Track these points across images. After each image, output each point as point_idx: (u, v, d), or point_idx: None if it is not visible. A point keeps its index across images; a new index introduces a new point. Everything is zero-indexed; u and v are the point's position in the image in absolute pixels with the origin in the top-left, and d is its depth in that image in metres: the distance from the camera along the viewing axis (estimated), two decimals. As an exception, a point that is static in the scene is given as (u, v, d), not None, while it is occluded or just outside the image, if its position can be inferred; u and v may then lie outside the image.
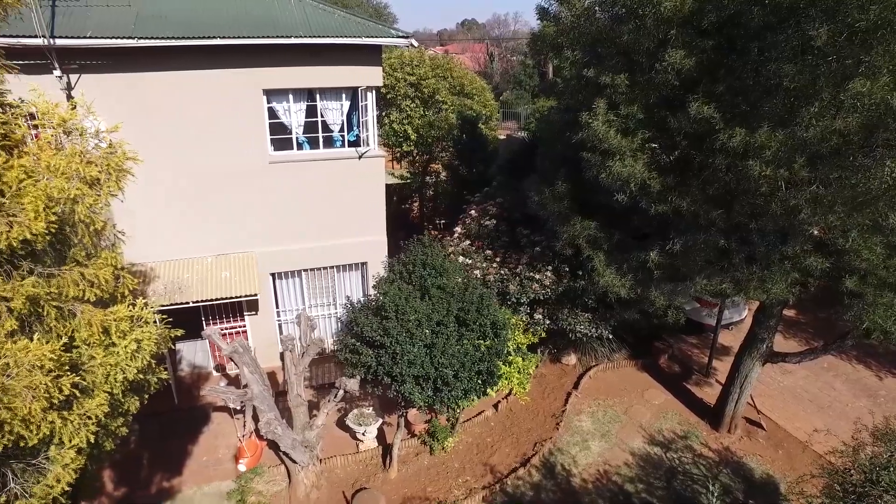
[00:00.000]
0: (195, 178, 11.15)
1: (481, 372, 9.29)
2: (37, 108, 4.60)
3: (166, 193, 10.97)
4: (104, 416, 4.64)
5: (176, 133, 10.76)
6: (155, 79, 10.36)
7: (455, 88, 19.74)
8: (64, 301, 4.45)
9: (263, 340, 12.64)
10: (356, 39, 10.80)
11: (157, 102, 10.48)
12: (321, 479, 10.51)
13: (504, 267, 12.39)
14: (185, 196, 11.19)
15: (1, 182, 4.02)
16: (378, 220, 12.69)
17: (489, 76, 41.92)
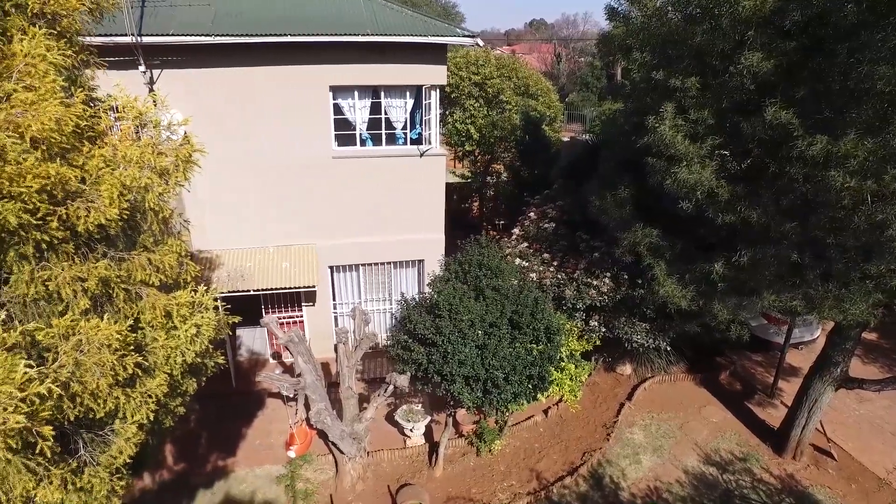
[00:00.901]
0: (261, 171, 11.55)
1: (532, 376, 9.16)
2: (119, 102, 4.87)
3: (233, 185, 11.42)
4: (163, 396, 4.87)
5: (244, 126, 11.17)
6: (227, 74, 10.81)
7: (520, 89, 19.55)
8: (132, 284, 4.70)
9: (319, 331, 12.94)
10: (422, 38, 10.86)
11: (229, 96, 10.92)
12: (367, 472, 10.65)
13: (561, 271, 12.16)
14: (251, 188, 11.61)
15: (83, 170, 4.28)
16: (437, 218, 12.74)
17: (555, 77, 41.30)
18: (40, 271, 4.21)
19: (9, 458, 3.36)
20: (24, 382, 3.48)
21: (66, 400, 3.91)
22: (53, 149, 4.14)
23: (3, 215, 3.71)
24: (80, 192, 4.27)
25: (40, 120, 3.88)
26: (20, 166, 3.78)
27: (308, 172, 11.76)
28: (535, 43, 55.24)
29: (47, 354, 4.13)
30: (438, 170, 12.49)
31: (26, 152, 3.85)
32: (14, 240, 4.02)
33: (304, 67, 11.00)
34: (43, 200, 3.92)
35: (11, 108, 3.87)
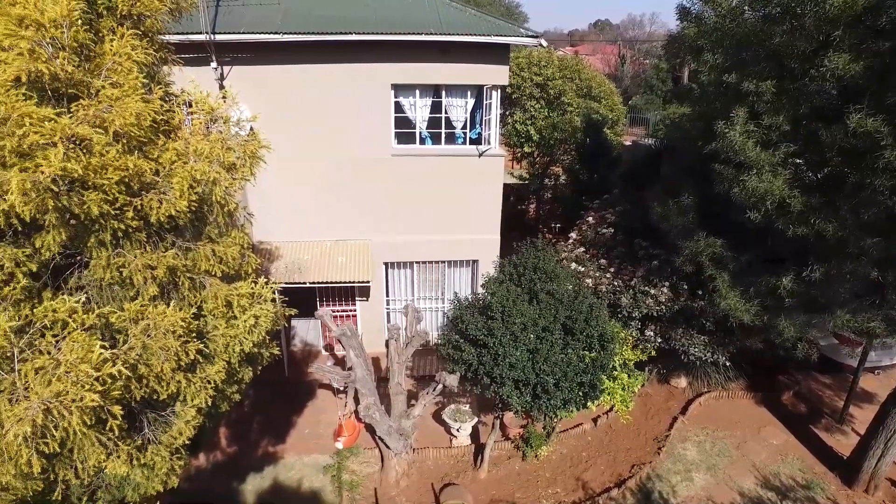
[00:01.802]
0: (322, 166, 11.80)
1: (583, 384, 8.98)
2: (193, 98, 5.09)
3: (294, 179, 11.71)
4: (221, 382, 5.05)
5: (307, 122, 11.45)
6: (293, 71, 11.11)
7: (582, 91, 19.19)
8: (196, 274, 4.90)
9: (371, 326, 13.13)
10: (485, 38, 10.82)
11: (293, 93, 11.22)
12: (412, 468, 10.73)
13: (617, 278, 11.85)
14: (311, 182, 11.89)
15: (157, 163, 4.50)
16: (493, 219, 12.67)
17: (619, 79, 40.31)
18: (115, 258, 4.44)
19: (84, 432, 3.56)
20: (99, 363, 3.67)
21: (133, 381, 4.11)
22: (132, 142, 4.36)
23: (87, 204, 3.93)
24: (153, 184, 4.49)
25: (123, 115, 4.09)
26: (103, 158, 4.00)
27: (367, 169, 11.94)
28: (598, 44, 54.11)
29: (118, 336, 4.36)
30: (496, 170, 12.41)
31: (109, 145, 4.06)
32: (94, 227, 4.26)
33: (368, 66, 11.18)
34: (121, 191, 4.13)
35: (99, 104, 4.10)
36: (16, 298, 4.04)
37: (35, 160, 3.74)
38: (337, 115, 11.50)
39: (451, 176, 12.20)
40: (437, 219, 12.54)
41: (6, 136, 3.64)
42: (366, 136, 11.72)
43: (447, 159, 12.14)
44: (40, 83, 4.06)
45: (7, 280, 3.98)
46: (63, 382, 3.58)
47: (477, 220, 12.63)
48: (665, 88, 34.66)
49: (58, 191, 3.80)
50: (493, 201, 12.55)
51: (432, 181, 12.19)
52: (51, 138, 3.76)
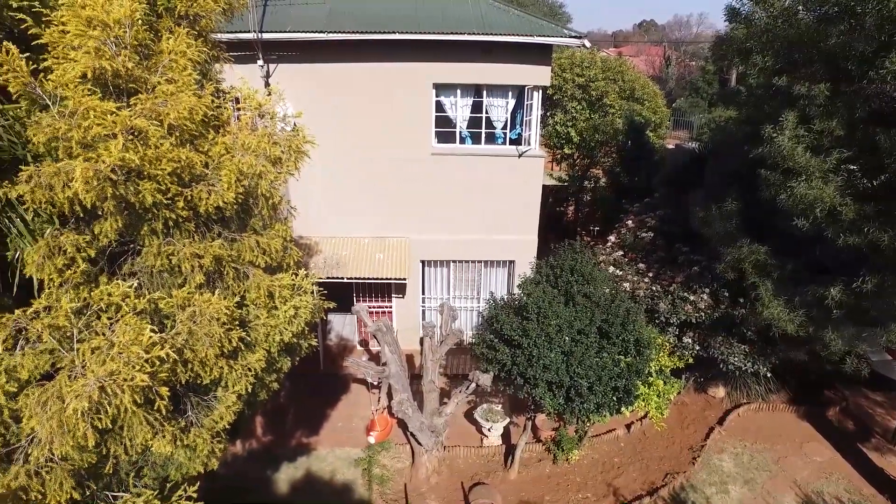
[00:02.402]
0: (362, 163, 11.97)
1: (618, 388, 8.87)
2: (241, 94, 5.26)
3: (335, 175, 11.92)
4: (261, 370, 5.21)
5: (349, 120, 11.63)
6: (336, 69, 11.31)
7: (625, 92, 18.90)
8: (240, 264, 5.07)
9: (406, 323, 13.24)
10: (528, 38, 10.79)
11: (335, 90, 11.41)
12: (442, 466, 10.79)
13: (656, 283, 11.65)
14: (351, 179, 12.07)
15: (207, 155, 4.67)
16: (531, 219, 12.62)
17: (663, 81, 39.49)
18: (166, 246, 4.64)
19: (134, 410, 3.74)
20: (148, 345, 3.85)
21: (179, 364, 4.28)
22: (185, 135, 4.54)
23: (142, 193, 4.12)
24: (203, 176, 4.66)
25: (177, 109, 4.27)
26: (157, 150, 4.18)
27: (407, 167, 12.05)
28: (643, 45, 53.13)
29: (166, 322, 4.54)
30: (536, 171, 12.36)
31: (163, 138, 4.24)
32: (147, 216, 4.46)
33: (410, 64, 11.29)
34: (173, 182, 4.31)
35: (155, 99, 4.29)
36: (76, 282, 4.26)
37: (97, 151, 3.94)
38: (378, 113, 11.65)
39: (490, 176, 12.21)
40: (475, 218, 12.57)
41: (73, 128, 3.84)
42: (406, 135, 11.84)
43: (486, 159, 12.15)
44: (103, 79, 4.27)
45: (69, 264, 4.20)
46: (116, 362, 3.76)
47: (515, 220, 12.60)
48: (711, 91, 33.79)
49: (116, 180, 3.99)
50: (532, 202, 12.50)
51: (472, 181, 12.22)
52: (111, 130, 3.96)
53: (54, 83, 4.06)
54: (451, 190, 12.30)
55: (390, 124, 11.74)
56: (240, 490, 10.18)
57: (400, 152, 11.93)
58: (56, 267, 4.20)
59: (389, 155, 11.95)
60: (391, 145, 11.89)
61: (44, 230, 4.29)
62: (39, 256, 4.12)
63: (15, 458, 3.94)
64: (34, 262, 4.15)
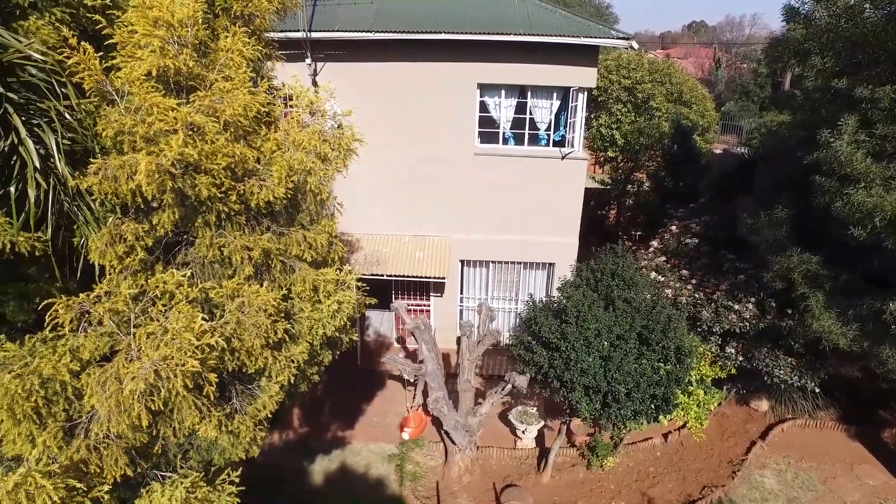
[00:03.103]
0: (405, 162, 12.08)
1: (656, 396, 8.72)
2: (293, 92, 5.41)
3: (378, 173, 12.06)
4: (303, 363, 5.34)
5: (393, 118, 11.75)
6: (382, 68, 11.45)
7: (672, 95, 18.50)
8: (287, 258, 5.22)
9: (443, 322, 13.30)
10: (574, 39, 10.69)
11: (380, 89, 11.54)
12: (475, 466, 10.81)
13: (699, 291, 11.38)
14: (393, 177, 12.20)
15: (259, 151, 4.83)
16: (572, 222, 12.51)
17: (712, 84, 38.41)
18: (217, 238, 4.81)
19: (184, 395, 3.91)
20: (199, 332, 4.01)
21: (227, 353, 4.44)
22: (239, 131, 4.70)
23: (198, 187, 4.29)
24: (255, 171, 4.82)
25: (233, 106, 4.43)
26: (213, 145, 4.34)
27: (449, 166, 12.11)
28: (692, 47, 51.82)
29: (215, 311, 4.71)
30: (579, 174, 12.24)
31: (219, 133, 4.41)
32: (202, 209, 4.64)
33: (455, 64, 11.34)
34: (227, 176, 4.47)
35: (212, 96, 4.45)
36: (134, 269, 4.48)
37: (158, 145, 4.12)
38: (422, 113, 11.75)
39: (532, 177, 12.15)
40: (516, 219, 12.53)
41: (138, 123, 4.03)
42: (449, 134, 11.90)
43: (529, 160, 12.10)
44: (166, 77, 4.47)
45: (128, 252, 4.42)
46: (169, 348, 3.93)
47: (556, 222, 12.51)
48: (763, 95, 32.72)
49: (175, 173, 4.17)
50: (574, 204, 12.39)
51: (514, 182, 12.19)
52: (172, 126, 4.14)
53: (122, 80, 4.27)
54: (492, 190, 12.29)
55: (434, 124, 11.82)
56: (276, 479, 10.43)
57: (443, 152, 12.00)
58: (117, 254, 4.41)
59: (432, 154, 12.03)
60: (434, 145, 11.96)
61: (107, 219, 4.52)
62: (102, 244, 4.34)
63: (76, 432, 4.17)
64: (97, 249, 4.37)
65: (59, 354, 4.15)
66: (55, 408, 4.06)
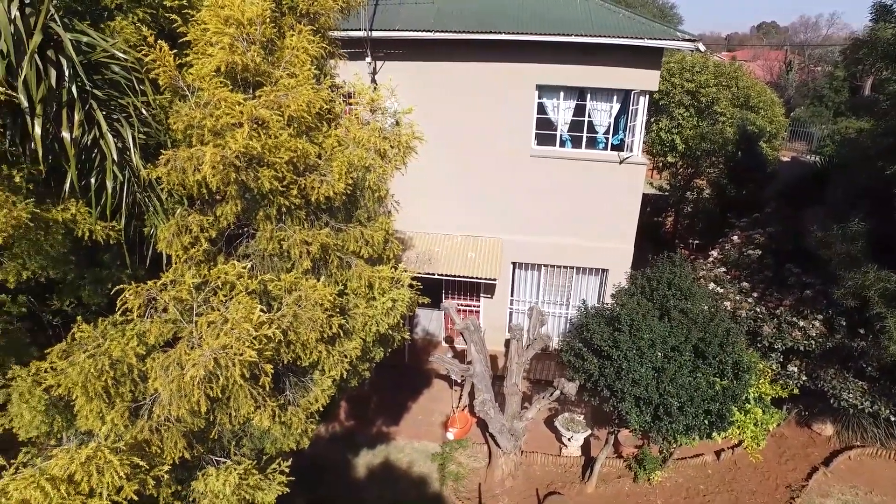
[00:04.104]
0: (460, 162, 12.06)
1: (710, 412, 8.39)
2: (354, 89, 5.47)
3: (433, 172, 12.04)
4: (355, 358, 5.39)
5: (450, 118, 11.75)
6: (439, 68, 11.47)
7: (738, 100, 17.76)
8: (344, 253, 5.28)
9: (492, 324, 13.23)
10: (638, 40, 10.41)
11: (438, 88, 11.55)
12: (518, 470, 10.69)
13: (761, 304, 10.87)
14: (448, 177, 12.20)
15: (320, 147, 4.91)
16: (628, 228, 12.19)
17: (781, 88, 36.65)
18: (278, 231, 4.92)
19: (241, 384, 4.00)
20: (258, 324, 4.10)
21: (283, 345, 4.52)
22: (301, 127, 4.79)
23: (260, 180, 4.40)
24: (315, 167, 4.89)
25: (297, 102, 4.51)
26: (277, 140, 4.44)
27: (504, 168, 12.02)
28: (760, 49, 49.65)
29: (273, 303, 4.81)
30: (637, 179, 11.92)
31: (282, 128, 4.50)
32: (263, 202, 4.75)
33: (514, 65, 11.24)
34: (289, 170, 4.56)
35: (278, 91, 4.55)
36: (198, 259, 4.63)
37: (225, 138, 4.24)
38: (479, 113, 11.70)
39: (589, 181, 11.91)
40: (570, 223, 12.32)
41: (207, 116, 4.16)
42: (506, 136, 11.81)
43: (586, 164, 11.86)
44: (234, 73, 4.60)
45: (193, 242, 4.57)
46: (229, 337, 4.04)
47: (611, 228, 12.22)
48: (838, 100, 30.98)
49: (239, 166, 4.28)
50: (631, 211, 12.07)
51: (569, 185, 11.98)
52: (238, 119, 4.25)
53: (193, 76, 4.42)
54: (547, 193, 12.12)
55: (490, 124, 11.75)
56: (319, 469, 10.62)
57: (498, 153, 11.92)
58: (182, 244, 4.57)
59: (487, 155, 11.97)
60: (490, 145, 11.90)
61: (174, 210, 4.69)
62: (170, 234, 4.51)
63: (140, 413, 4.34)
64: (165, 239, 4.55)
65: (127, 338, 4.33)
66: (122, 388, 4.24)
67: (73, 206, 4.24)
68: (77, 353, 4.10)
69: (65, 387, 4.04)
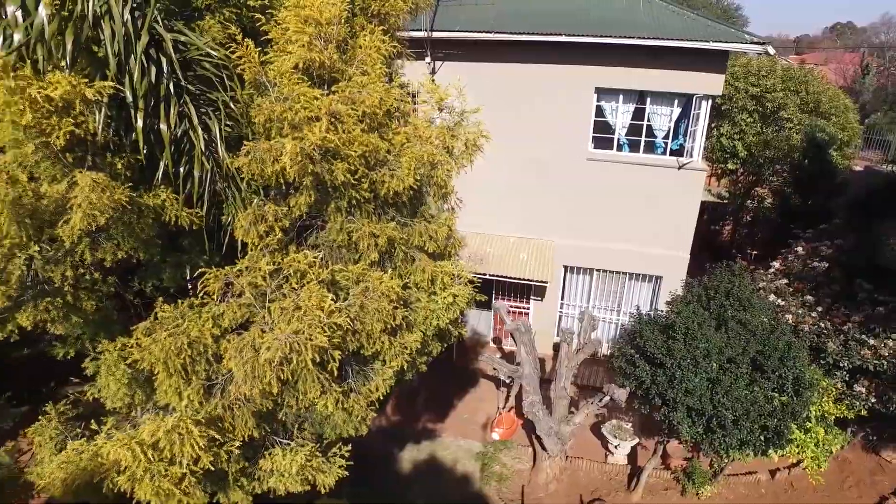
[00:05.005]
0: (515, 163, 12.05)
1: (767, 428, 8.15)
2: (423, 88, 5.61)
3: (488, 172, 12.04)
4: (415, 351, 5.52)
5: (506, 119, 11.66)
6: (498, 68, 11.53)
7: (807, 105, 17.04)
8: (409, 247, 5.42)
9: (541, 326, 13.16)
10: (703, 43, 10.19)
11: (496, 88, 11.58)
12: (563, 475, 10.62)
13: (826, 319, 10.44)
14: (503, 177, 12.19)
15: (390, 143, 5.06)
16: (685, 235, 11.93)
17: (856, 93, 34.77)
18: (347, 223, 5.10)
19: (310, 368, 4.18)
20: (329, 311, 4.27)
21: (349, 333, 4.68)
22: (373, 123, 4.95)
23: (334, 172, 4.57)
24: (385, 162, 5.05)
25: (370, 98, 4.67)
26: (350, 134, 4.61)
27: (559, 170, 11.97)
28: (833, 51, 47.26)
29: (340, 293, 4.99)
30: (696, 185, 11.66)
31: (356, 123, 4.67)
32: (335, 195, 4.93)
33: (574, 67, 11.18)
34: (361, 164, 4.72)
35: (352, 87, 4.73)
36: (272, 247, 4.85)
37: (302, 131, 4.44)
38: (536, 114, 11.69)
39: (646, 186, 11.72)
40: (625, 228, 12.15)
41: (286, 110, 4.37)
42: (562, 138, 11.76)
43: (644, 168, 11.68)
44: (311, 70, 4.80)
45: (268, 231, 4.80)
46: (301, 322, 4.22)
47: (667, 234, 11.99)
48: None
49: (315, 158, 4.47)
50: (689, 217, 11.81)
51: (626, 189, 11.83)
52: (317, 113, 4.44)
53: (274, 72, 4.64)
54: (602, 197, 12.00)
55: (547, 126, 11.72)
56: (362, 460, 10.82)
57: (554, 155, 11.88)
58: (258, 233, 4.80)
59: (543, 157, 11.94)
60: (546, 147, 11.87)
61: (251, 200, 4.93)
62: (247, 222, 4.74)
63: (213, 391, 4.58)
64: (242, 227, 4.78)
65: (203, 320, 4.58)
66: (198, 367, 4.49)
67: (162, 193, 4.53)
68: (159, 332, 4.38)
69: (148, 362, 4.32)
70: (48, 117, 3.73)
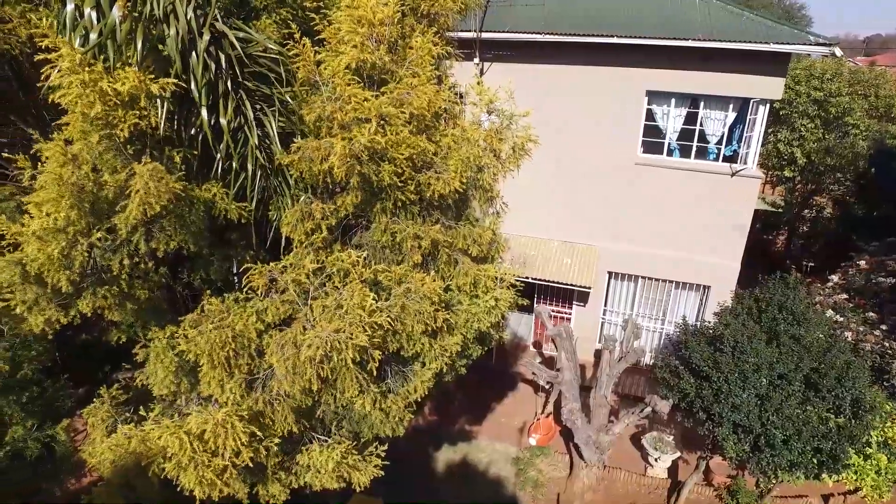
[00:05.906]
0: (561, 166, 11.87)
1: (821, 450, 7.78)
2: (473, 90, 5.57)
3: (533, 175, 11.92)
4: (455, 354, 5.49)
5: (553, 121, 11.55)
6: (546, 70, 11.35)
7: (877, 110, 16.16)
8: (453, 250, 5.39)
9: (582, 333, 12.92)
10: (762, 45, 9.77)
11: (543, 91, 11.38)
12: (600, 485, 10.41)
13: (890, 338, 9.90)
14: (548, 181, 12.04)
15: (437, 145, 5.04)
16: (735, 245, 11.48)
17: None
18: (391, 224, 5.10)
19: (349, 367, 4.20)
20: (370, 311, 4.28)
21: (390, 334, 4.69)
22: (421, 125, 4.93)
23: (381, 173, 4.58)
24: (432, 164, 5.03)
25: (419, 100, 4.66)
26: (398, 136, 4.61)
27: (607, 174, 11.71)
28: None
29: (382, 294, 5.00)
30: (749, 193, 11.19)
31: (404, 125, 4.66)
32: (381, 195, 4.95)
33: (624, 69, 10.91)
34: (408, 166, 4.72)
35: (402, 89, 4.72)
36: (317, 245, 4.90)
37: (351, 132, 4.46)
38: (584, 117, 11.47)
39: (697, 193, 11.33)
40: (673, 235, 11.79)
41: (337, 110, 4.40)
42: (611, 141, 11.50)
43: (695, 175, 11.29)
44: (362, 70, 4.82)
45: (314, 229, 4.85)
46: (342, 321, 4.24)
47: (717, 243, 11.56)
48: None
49: (363, 159, 4.48)
50: (741, 227, 11.35)
51: (675, 196, 11.46)
52: (366, 115, 4.45)
53: (328, 72, 4.68)
54: (650, 203, 11.67)
55: (595, 129, 11.48)
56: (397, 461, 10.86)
57: (602, 159, 11.63)
58: (305, 230, 4.86)
59: (590, 160, 11.71)
60: (593, 151, 11.63)
61: (298, 197, 4.99)
62: (294, 219, 4.81)
63: (255, 385, 4.66)
64: (289, 224, 4.85)
65: (247, 314, 4.66)
66: (241, 360, 4.58)
67: (214, 187, 4.65)
68: (205, 324, 4.48)
69: (194, 353, 4.42)
70: (115, 110, 3.92)
